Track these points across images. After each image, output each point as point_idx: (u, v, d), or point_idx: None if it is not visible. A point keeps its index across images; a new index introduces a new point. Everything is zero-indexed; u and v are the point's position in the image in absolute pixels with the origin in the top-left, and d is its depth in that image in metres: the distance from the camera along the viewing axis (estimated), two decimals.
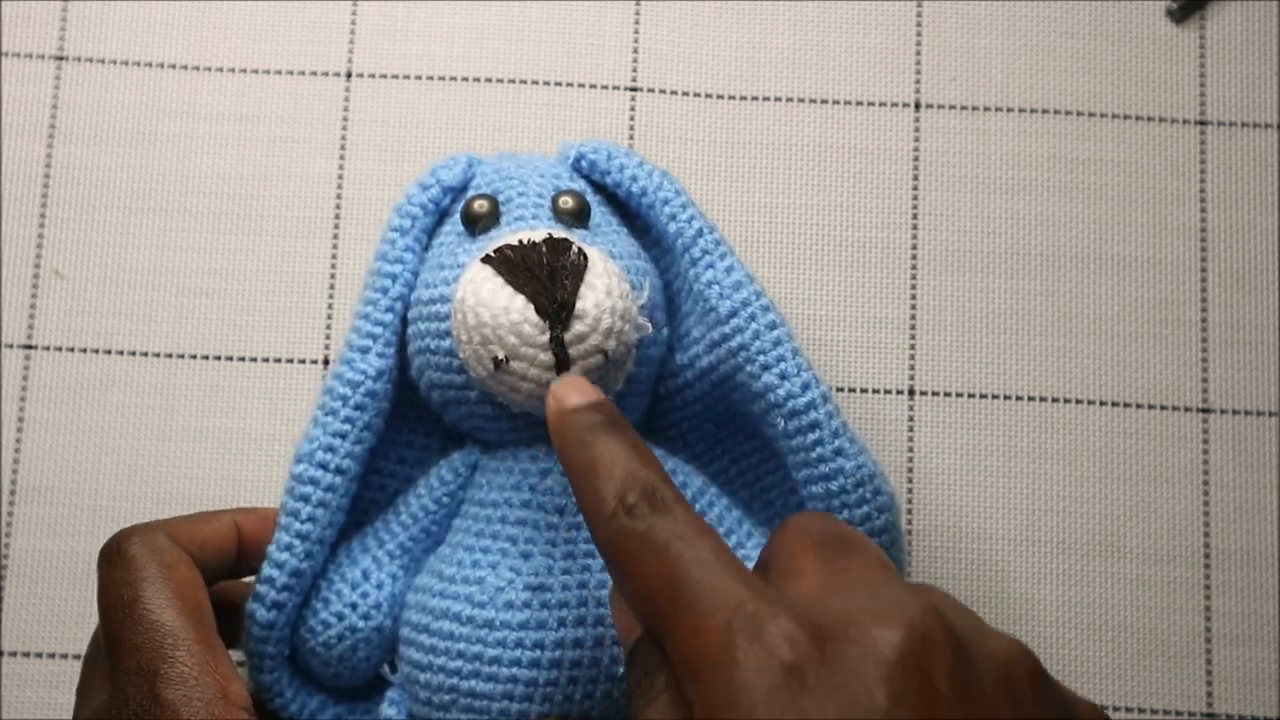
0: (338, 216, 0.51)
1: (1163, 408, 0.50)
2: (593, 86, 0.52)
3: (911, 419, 0.50)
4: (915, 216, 0.51)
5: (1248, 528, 0.49)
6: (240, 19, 0.52)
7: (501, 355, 0.38)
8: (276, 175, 0.51)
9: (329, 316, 0.50)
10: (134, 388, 0.49)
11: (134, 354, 0.50)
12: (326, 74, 0.52)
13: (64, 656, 0.48)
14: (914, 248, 0.51)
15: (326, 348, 0.50)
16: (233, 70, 0.52)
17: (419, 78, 0.52)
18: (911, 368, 0.50)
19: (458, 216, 0.43)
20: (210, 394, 0.49)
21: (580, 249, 0.39)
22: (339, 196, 0.51)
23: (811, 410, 0.40)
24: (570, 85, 0.52)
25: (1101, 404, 0.50)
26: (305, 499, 0.40)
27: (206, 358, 0.50)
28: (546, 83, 0.52)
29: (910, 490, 0.49)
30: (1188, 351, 0.51)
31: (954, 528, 0.49)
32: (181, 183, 0.51)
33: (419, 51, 0.52)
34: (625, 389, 0.40)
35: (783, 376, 0.40)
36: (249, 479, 0.49)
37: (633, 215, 0.44)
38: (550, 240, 0.39)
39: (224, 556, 0.41)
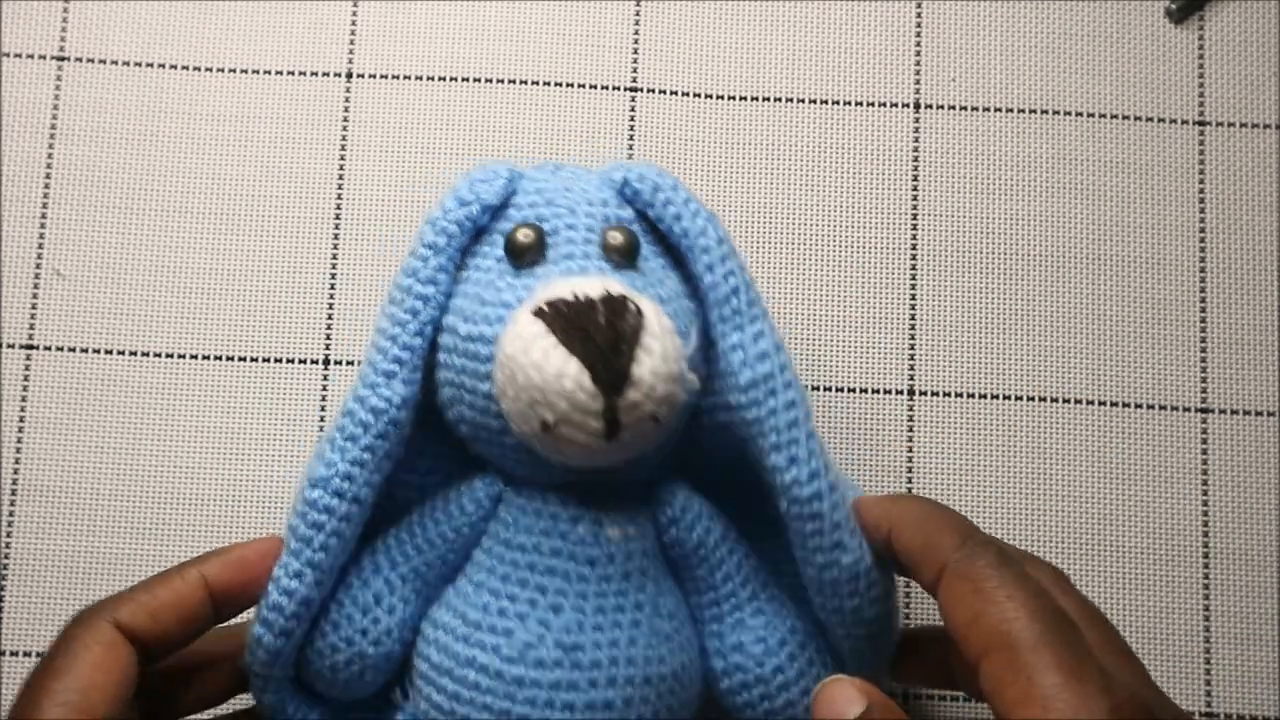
0: (338, 216, 0.51)
1: (1162, 407, 0.50)
2: (593, 86, 0.52)
3: (911, 419, 0.50)
4: (915, 216, 0.51)
5: (1247, 527, 0.49)
6: (240, 19, 0.52)
7: (551, 420, 0.36)
8: (276, 175, 0.51)
9: (329, 316, 0.50)
10: (134, 388, 0.49)
11: (134, 354, 0.50)
12: (326, 74, 0.52)
13: None
14: (914, 248, 0.51)
15: (327, 348, 0.50)
16: (233, 70, 0.52)
17: (419, 78, 0.52)
18: (911, 368, 0.50)
19: (497, 238, 0.40)
20: (210, 394, 0.49)
21: (637, 308, 0.37)
22: (339, 196, 0.51)
23: (815, 501, 0.38)
24: (570, 85, 0.52)
25: (1101, 404, 0.50)
26: (319, 527, 0.39)
27: (206, 358, 0.50)
28: (546, 83, 0.52)
29: (910, 490, 0.49)
30: (1187, 351, 0.51)
31: None
32: (181, 183, 0.51)
33: (419, 51, 0.52)
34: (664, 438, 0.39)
35: (791, 461, 0.38)
36: (249, 479, 0.49)
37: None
38: (608, 300, 0.36)
39: (188, 618, 0.39)
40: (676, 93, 0.52)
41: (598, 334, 0.36)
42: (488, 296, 0.39)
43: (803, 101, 0.52)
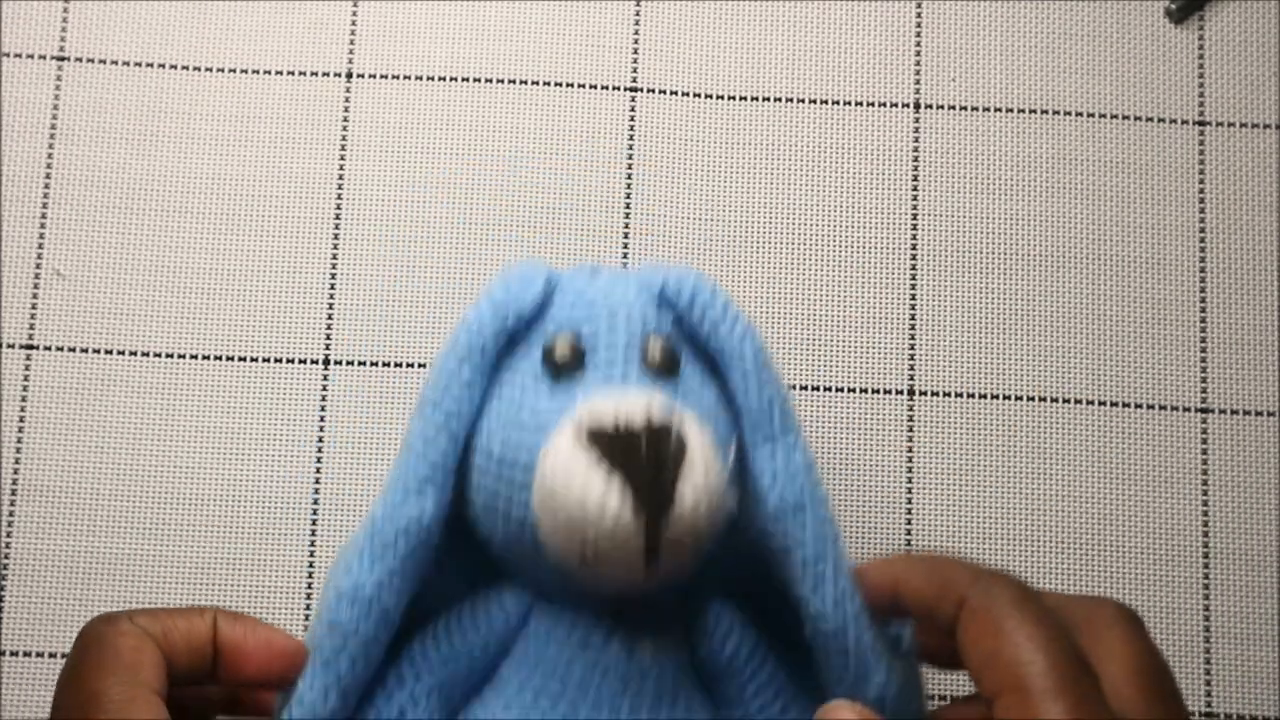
0: (338, 216, 0.51)
1: (1162, 407, 0.50)
2: (593, 86, 0.52)
3: (911, 419, 0.50)
4: (915, 216, 0.51)
5: (1247, 528, 0.49)
6: (240, 19, 0.52)
7: (591, 553, 0.35)
8: (276, 175, 0.51)
9: (329, 316, 0.50)
10: (134, 388, 0.49)
11: (134, 354, 0.50)
12: (326, 74, 0.52)
13: (64, 656, 0.47)
14: (914, 248, 0.51)
15: (327, 348, 0.50)
16: (233, 70, 0.52)
17: (419, 78, 0.52)
18: (911, 368, 0.50)
19: (534, 345, 0.39)
20: (210, 394, 0.49)
21: (680, 434, 0.36)
22: (339, 196, 0.51)
23: (840, 636, 0.37)
24: (570, 85, 0.52)
25: (1101, 404, 0.50)
26: (344, 643, 0.37)
27: (206, 358, 0.50)
28: (546, 83, 0.52)
29: (910, 490, 0.49)
30: (1187, 351, 0.51)
31: (954, 528, 0.49)
32: (181, 183, 0.51)
33: (419, 51, 0.52)
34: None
35: (815, 591, 0.37)
36: (249, 479, 0.49)
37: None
38: (650, 427, 0.35)
39: (195, 649, 0.38)
40: (676, 93, 0.52)
41: (640, 465, 0.35)
42: (525, 417, 0.38)
43: (803, 101, 0.52)
